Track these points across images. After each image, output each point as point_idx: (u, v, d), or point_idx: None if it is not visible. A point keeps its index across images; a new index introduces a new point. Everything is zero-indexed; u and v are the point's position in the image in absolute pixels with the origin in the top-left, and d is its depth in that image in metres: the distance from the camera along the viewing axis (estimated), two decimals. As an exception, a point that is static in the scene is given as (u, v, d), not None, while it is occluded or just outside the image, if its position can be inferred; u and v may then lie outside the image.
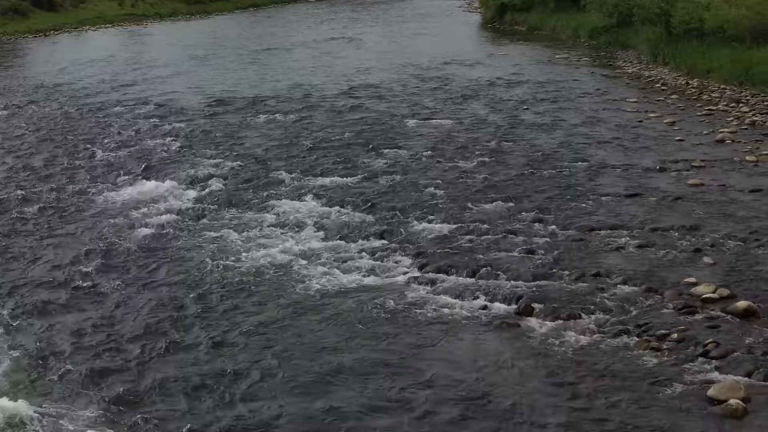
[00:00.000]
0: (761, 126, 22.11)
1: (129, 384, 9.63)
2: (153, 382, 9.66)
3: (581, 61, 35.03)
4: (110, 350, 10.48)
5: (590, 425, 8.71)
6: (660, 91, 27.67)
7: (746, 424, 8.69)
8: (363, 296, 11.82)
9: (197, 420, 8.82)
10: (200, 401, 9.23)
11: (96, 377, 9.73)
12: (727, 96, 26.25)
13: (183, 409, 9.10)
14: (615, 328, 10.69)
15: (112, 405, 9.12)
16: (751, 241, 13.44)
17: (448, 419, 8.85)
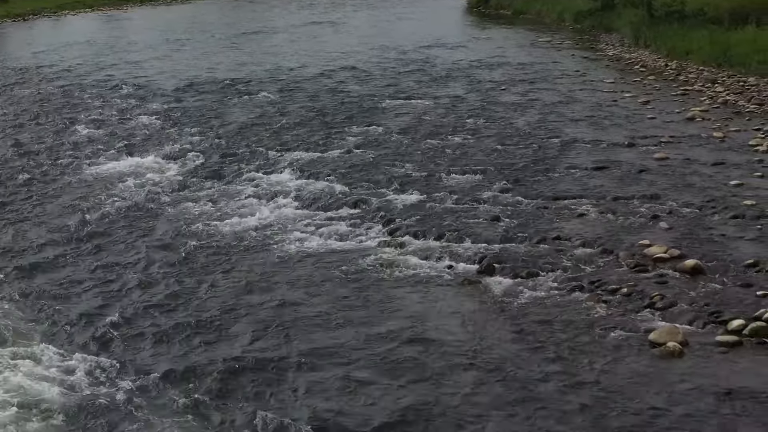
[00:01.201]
0: (733, 105, 23.24)
1: (110, 329, 10.71)
2: (133, 328, 10.76)
3: (563, 44, 36.12)
4: (96, 300, 11.55)
5: (542, 365, 9.77)
6: (638, 73, 28.79)
7: (681, 364, 9.80)
8: (335, 257, 12.91)
9: (171, 361, 9.88)
10: (174, 345, 10.34)
11: (81, 323, 10.80)
12: (703, 77, 27.38)
13: (160, 351, 10.18)
14: (570, 285, 11.78)
15: (99, 345, 10.18)
16: (707, 208, 14.56)
17: (411, 364, 9.89)
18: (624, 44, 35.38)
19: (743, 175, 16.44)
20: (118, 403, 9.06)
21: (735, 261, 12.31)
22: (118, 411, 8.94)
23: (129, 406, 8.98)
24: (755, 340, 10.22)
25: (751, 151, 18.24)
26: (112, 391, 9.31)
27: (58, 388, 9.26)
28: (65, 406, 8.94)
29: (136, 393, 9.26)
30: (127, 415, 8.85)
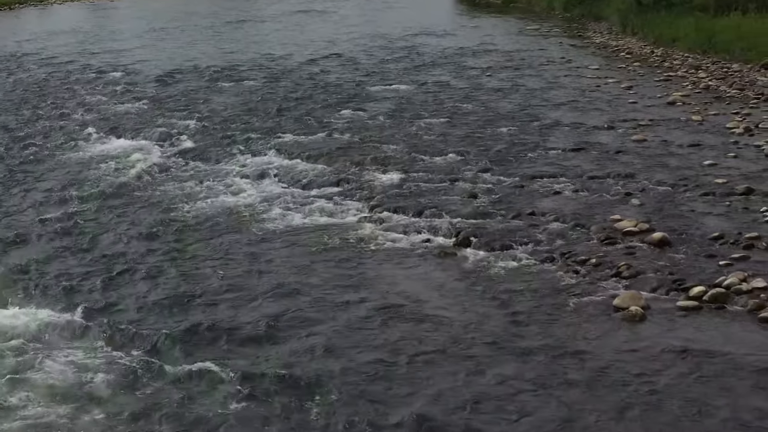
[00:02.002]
0: (714, 90, 24.04)
1: (98, 297, 11.45)
2: (120, 296, 11.51)
3: (551, 32, 36.92)
4: (83, 270, 12.31)
5: (511, 327, 10.51)
6: (624, 59, 29.61)
7: (642, 327, 10.56)
8: (317, 232, 13.67)
9: (154, 324, 10.62)
10: (158, 309, 11.07)
11: (70, 291, 11.57)
12: (688, 63, 28.20)
13: (144, 315, 10.94)
14: (542, 256, 12.54)
15: (87, 311, 10.94)
16: (679, 186, 15.33)
17: (384, 326, 10.61)
18: (612, 32, 36.19)
19: (717, 155, 17.21)
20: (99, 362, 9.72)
21: (701, 234, 13.05)
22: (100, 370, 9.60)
23: (107, 365, 9.67)
24: (714, 305, 10.96)
25: (728, 133, 19.01)
26: (92, 350, 9.99)
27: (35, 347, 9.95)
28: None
29: (113, 353, 9.94)
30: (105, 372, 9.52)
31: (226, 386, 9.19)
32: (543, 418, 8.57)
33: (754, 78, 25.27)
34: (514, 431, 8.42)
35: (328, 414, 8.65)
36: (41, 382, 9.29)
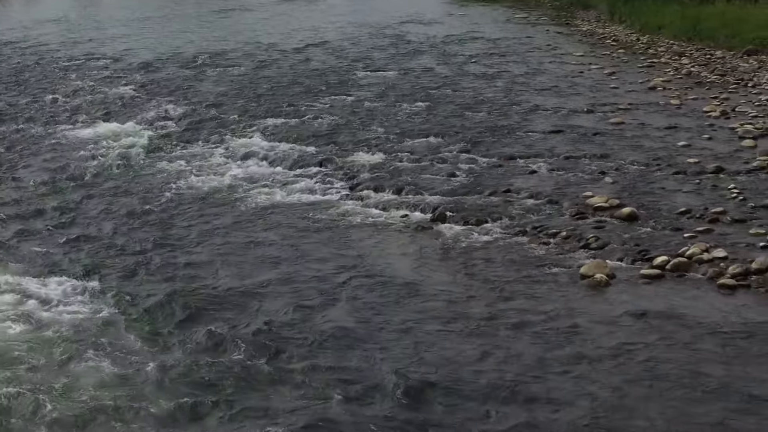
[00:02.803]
0: (696, 76, 24.89)
1: (86, 266, 12.20)
2: (109, 265, 12.30)
3: (539, 20, 37.77)
4: (73, 244, 13.09)
5: (481, 293, 11.27)
6: (609, 47, 30.47)
7: (606, 292, 11.35)
8: (300, 209, 14.46)
9: (143, 290, 11.39)
10: (148, 276, 11.85)
11: (58, 261, 12.35)
12: (672, 50, 29.07)
13: (134, 283, 11.71)
14: (515, 230, 13.33)
15: (79, 277, 11.73)
16: (652, 165, 16.14)
17: (361, 292, 11.34)
18: (600, 20, 37.09)
19: (692, 137, 18.05)
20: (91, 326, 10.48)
21: (669, 209, 13.86)
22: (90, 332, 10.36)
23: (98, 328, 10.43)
24: (676, 273, 11.75)
25: (705, 116, 19.86)
26: (83, 315, 10.75)
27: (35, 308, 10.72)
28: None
29: (101, 315, 10.70)
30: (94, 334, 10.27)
31: (210, 345, 9.92)
32: (506, 373, 9.32)
33: (736, 64, 26.14)
34: (478, 385, 9.12)
35: (305, 372, 9.36)
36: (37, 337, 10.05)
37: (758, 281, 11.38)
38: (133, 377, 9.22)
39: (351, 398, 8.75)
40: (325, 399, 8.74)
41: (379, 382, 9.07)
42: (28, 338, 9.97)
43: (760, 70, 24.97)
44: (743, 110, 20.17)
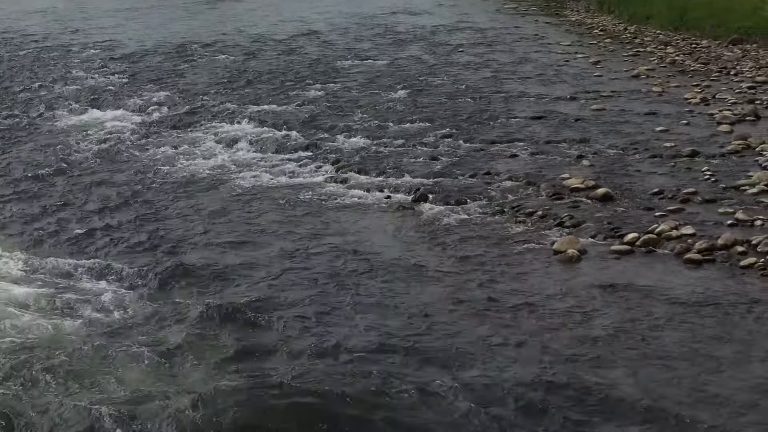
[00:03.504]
0: (680, 64, 25.62)
1: (77, 243, 12.96)
2: (99, 242, 13.04)
3: (529, 10, 38.49)
4: (65, 223, 13.84)
5: (458, 268, 12.00)
6: (596, 36, 31.23)
7: (577, 267, 12.08)
8: (285, 191, 15.18)
9: (134, 264, 12.10)
10: (139, 256, 12.57)
11: (50, 239, 13.10)
12: (658, 40, 29.80)
13: (124, 259, 12.42)
14: (493, 210, 14.07)
15: (67, 255, 12.46)
16: (629, 149, 16.88)
17: (350, 271, 12.04)
18: (589, 10, 37.78)
19: (671, 123, 18.78)
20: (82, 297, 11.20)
21: (643, 190, 14.60)
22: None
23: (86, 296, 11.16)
24: (645, 249, 12.49)
25: (685, 103, 20.60)
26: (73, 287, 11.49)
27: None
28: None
29: (91, 286, 11.44)
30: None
31: (195, 314, 10.65)
32: (475, 336, 10.06)
33: (720, 53, 26.86)
34: (451, 350, 9.84)
35: (283, 339, 10.09)
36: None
37: (723, 256, 12.10)
38: (124, 343, 9.88)
39: (326, 356, 9.51)
40: (304, 356, 9.48)
41: (356, 344, 9.80)
42: (21, 305, 10.68)
43: (743, 58, 25.67)
44: (723, 97, 20.88)
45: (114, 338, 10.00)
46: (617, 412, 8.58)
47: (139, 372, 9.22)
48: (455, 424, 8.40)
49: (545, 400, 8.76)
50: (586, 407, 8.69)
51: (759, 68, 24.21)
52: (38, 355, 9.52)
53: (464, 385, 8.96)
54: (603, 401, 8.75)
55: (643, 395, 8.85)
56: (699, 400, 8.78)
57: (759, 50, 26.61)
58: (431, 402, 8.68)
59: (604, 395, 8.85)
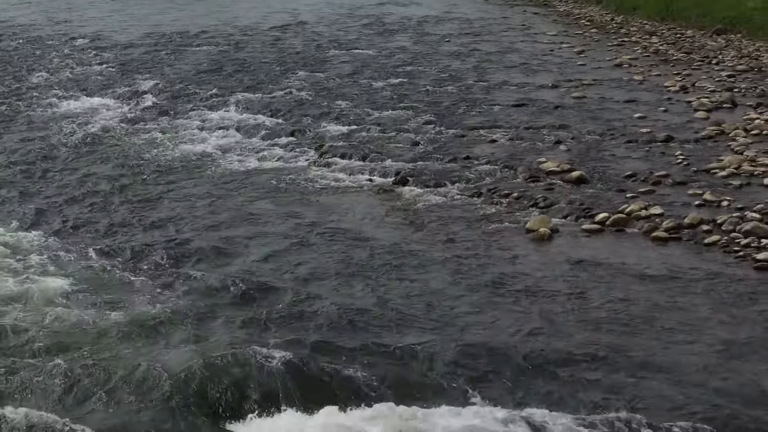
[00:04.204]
0: (663, 53, 26.41)
1: (68, 223, 13.72)
2: (90, 221, 13.80)
3: (517, 1, 39.21)
4: (57, 203, 14.59)
5: (433, 246, 12.74)
6: (583, 26, 32.04)
7: (548, 244, 12.84)
8: (271, 174, 15.93)
9: (123, 241, 12.81)
10: (128, 234, 13.32)
11: (43, 218, 13.87)
12: (644, 30, 30.58)
13: (115, 238, 13.17)
14: (470, 192, 14.82)
15: (60, 233, 13.22)
16: (606, 135, 17.66)
17: (322, 243, 12.82)
18: (577, 0, 38.55)
19: (649, 110, 19.58)
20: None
21: (616, 173, 15.37)
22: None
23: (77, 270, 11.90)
24: (615, 228, 13.25)
25: (664, 91, 21.42)
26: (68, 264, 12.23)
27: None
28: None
29: (82, 262, 12.18)
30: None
31: (186, 287, 11.41)
32: (449, 306, 10.82)
33: (704, 43, 27.66)
34: (426, 317, 10.59)
35: (269, 305, 10.85)
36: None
37: (689, 234, 12.87)
38: (117, 313, 10.63)
39: (308, 322, 10.27)
40: (288, 323, 10.29)
41: (336, 312, 10.55)
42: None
43: (726, 48, 26.47)
44: (703, 85, 21.67)
45: (102, 309, 10.72)
46: (576, 374, 9.32)
47: (133, 338, 9.96)
48: (429, 382, 9.16)
49: (513, 360, 9.52)
50: (548, 369, 9.44)
51: (740, 57, 25.00)
52: (34, 326, 10.24)
53: (438, 347, 9.72)
54: (563, 363, 9.50)
55: (602, 359, 9.60)
56: (655, 363, 9.52)
57: (742, 40, 27.37)
58: (407, 362, 9.45)
59: (565, 358, 9.61)
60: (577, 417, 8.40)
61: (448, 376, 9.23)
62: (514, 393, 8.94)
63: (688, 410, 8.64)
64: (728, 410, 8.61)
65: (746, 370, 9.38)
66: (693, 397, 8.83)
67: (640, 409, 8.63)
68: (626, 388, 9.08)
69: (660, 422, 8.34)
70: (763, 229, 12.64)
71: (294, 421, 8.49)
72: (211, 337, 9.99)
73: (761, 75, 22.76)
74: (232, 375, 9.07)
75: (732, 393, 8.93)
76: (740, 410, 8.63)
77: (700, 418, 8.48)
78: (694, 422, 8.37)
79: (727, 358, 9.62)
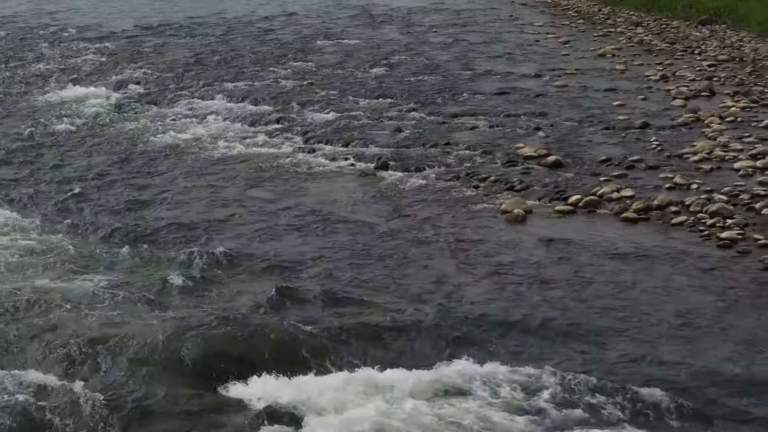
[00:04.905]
0: (647, 44, 27.18)
1: (61, 205, 14.48)
2: (81, 203, 14.56)
3: (505, -9, 39.96)
4: (49, 186, 15.33)
5: (412, 226, 13.46)
6: (570, 17, 32.79)
7: (522, 225, 13.58)
8: (257, 159, 16.68)
9: (114, 221, 13.56)
10: (120, 214, 14.07)
11: (37, 200, 14.62)
12: (630, 21, 31.34)
13: (105, 218, 13.90)
14: (450, 176, 15.57)
15: (53, 215, 13.97)
16: (585, 122, 18.41)
17: (313, 227, 13.52)
18: (566, -9, 39.25)
19: (628, 98, 20.34)
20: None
21: (592, 158, 16.12)
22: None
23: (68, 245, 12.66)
24: (587, 209, 14.00)
25: (645, 80, 22.17)
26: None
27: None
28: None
29: (72, 240, 12.93)
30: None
31: (169, 263, 12.16)
32: (426, 282, 11.56)
33: (688, 33, 28.42)
34: (405, 290, 11.32)
35: (254, 281, 11.60)
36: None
37: (657, 215, 13.62)
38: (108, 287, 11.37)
39: (285, 296, 11.00)
40: (270, 295, 11.00)
41: (317, 285, 11.31)
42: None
43: (710, 38, 27.23)
44: (683, 74, 22.43)
45: (89, 281, 11.48)
46: (541, 337, 10.09)
47: (119, 308, 10.71)
48: (403, 347, 9.92)
49: (484, 327, 10.28)
50: (518, 335, 10.20)
51: (723, 48, 25.75)
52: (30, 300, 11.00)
53: (414, 317, 10.47)
54: (529, 329, 10.26)
55: (567, 325, 10.36)
56: (616, 330, 10.27)
57: (726, 30, 28.12)
58: (382, 329, 10.17)
59: (535, 325, 10.36)
60: (538, 372, 9.10)
61: (420, 340, 9.97)
62: (482, 353, 9.65)
63: (643, 372, 9.36)
64: (683, 373, 9.33)
65: (701, 337, 10.11)
66: (649, 360, 9.56)
67: (598, 370, 9.35)
68: (588, 352, 9.80)
69: (615, 383, 9.03)
70: (728, 210, 13.35)
71: (272, 384, 9.15)
72: (194, 307, 10.70)
73: (742, 65, 23.47)
74: (213, 341, 9.77)
75: (687, 357, 9.65)
76: (695, 373, 9.35)
77: (655, 379, 9.19)
78: (649, 383, 9.08)
79: (685, 327, 10.34)
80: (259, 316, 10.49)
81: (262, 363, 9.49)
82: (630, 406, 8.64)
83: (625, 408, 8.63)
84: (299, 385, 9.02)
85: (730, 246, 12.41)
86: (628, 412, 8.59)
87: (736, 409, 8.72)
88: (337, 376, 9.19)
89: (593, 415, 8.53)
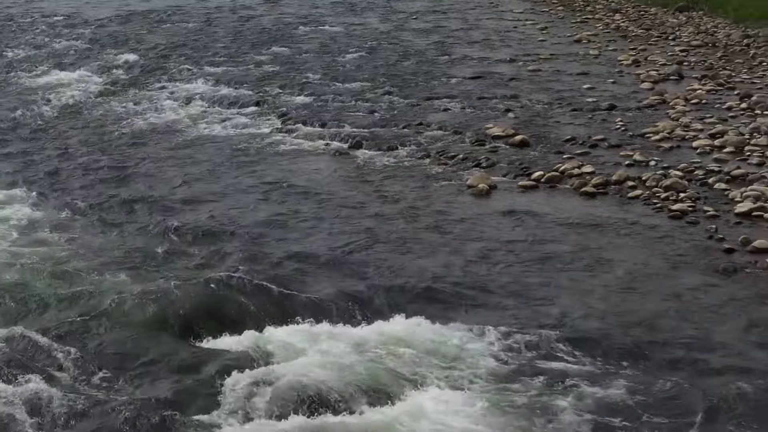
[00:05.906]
0: (624, 30, 28.24)
1: (46, 181, 15.47)
2: (65, 180, 15.55)
3: (488, -21, 40.98)
4: (36, 164, 16.33)
5: (381, 201, 14.47)
6: (549, 4, 33.86)
7: (486, 199, 14.60)
8: (235, 139, 17.71)
9: (98, 198, 14.58)
10: (102, 189, 15.10)
11: (22, 178, 15.62)
12: (609, 7, 32.40)
13: (88, 195, 14.92)
14: (420, 154, 16.60)
15: (38, 190, 14.97)
16: (554, 104, 19.46)
17: (288, 202, 14.54)
18: (547, -21, 40.28)
19: (599, 81, 21.40)
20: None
21: (558, 138, 17.16)
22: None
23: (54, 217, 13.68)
24: (549, 185, 15.04)
25: (617, 64, 23.23)
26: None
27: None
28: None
29: (60, 214, 13.96)
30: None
31: (155, 232, 13.18)
32: (394, 251, 12.57)
33: (665, 19, 29.48)
34: (374, 259, 12.32)
35: (233, 252, 12.60)
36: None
37: (615, 189, 14.65)
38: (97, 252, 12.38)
39: (262, 260, 12.04)
40: (250, 261, 12.02)
41: (294, 253, 12.32)
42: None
43: (685, 24, 28.29)
44: (655, 59, 23.49)
45: (81, 249, 12.51)
46: (496, 299, 11.11)
47: (109, 273, 11.74)
48: (371, 305, 10.90)
49: (446, 291, 11.26)
50: (473, 293, 11.21)
51: (697, 33, 26.81)
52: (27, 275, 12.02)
53: (381, 280, 11.52)
54: (488, 291, 11.27)
55: (521, 288, 11.38)
56: (567, 291, 11.29)
57: (703, 17, 29.19)
58: (352, 289, 11.20)
59: (491, 287, 11.37)
60: (483, 328, 10.15)
61: (387, 298, 10.99)
62: (434, 311, 10.69)
63: (586, 328, 10.39)
64: (622, 325, 10.37)
65: (644, 296, 11.16)
66: (593, 315, 10.61)
67: (549, 325, 10.36)
68: (538, 311, 10.82)
69: (561, 336, 10.06)
70: (681, 184, 14.40)
71: (255, 337, 10.11)
72: (180, 269, 11.74)
73: (714, 50, 24.52)
74: (200, 300, 10.78)
75: (627, 312, 10.70)
76: (631, 324, 10.40)
77: (597, 336, 10.22)
78: (590, 336, 10.12)
79: (631, 288, 11.38)
80: (235, 274, 11.40)
81: (233, 320, 10.50)
82: (574, 357, 9.67)
83: (570, 358, 9.67)
84: (266, 338, 10.02)
85: (680, 217, 13.39)
86: (573, 361, 9.60)
87: (673, 355, 9.75)
88: (300, 328, 10.19)
89: (534, 367, 9.53)
